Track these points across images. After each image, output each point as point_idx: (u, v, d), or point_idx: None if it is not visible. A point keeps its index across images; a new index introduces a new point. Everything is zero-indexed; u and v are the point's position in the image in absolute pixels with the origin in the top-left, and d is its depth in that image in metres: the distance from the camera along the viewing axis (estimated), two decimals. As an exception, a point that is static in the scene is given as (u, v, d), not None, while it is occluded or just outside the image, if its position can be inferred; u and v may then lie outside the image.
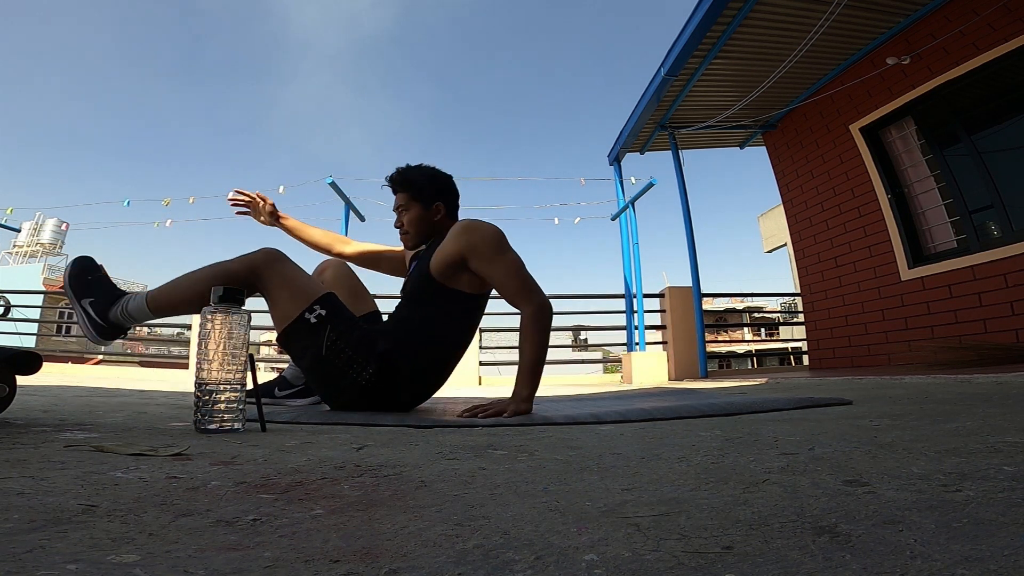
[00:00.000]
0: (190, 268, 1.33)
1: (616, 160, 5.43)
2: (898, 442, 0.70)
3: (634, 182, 5.34)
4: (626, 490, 0.48)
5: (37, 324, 6.82)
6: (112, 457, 0.63)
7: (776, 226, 15.76)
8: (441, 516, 0.40)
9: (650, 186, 4.64)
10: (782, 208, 5.17)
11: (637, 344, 4.92)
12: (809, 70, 4.18)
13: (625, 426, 1.00)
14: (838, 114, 4.29)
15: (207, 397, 0.88)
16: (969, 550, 0.30)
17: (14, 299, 6.24)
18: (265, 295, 1.32)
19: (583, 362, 6.35)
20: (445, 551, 0.33)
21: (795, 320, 13.24)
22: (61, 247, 25.25)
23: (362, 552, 0.32)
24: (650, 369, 4.35)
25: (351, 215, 5.40)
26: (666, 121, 4.84)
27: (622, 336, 5.29)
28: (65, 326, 12.35)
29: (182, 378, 3.91)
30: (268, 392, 1.53)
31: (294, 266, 1.35)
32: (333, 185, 5.04)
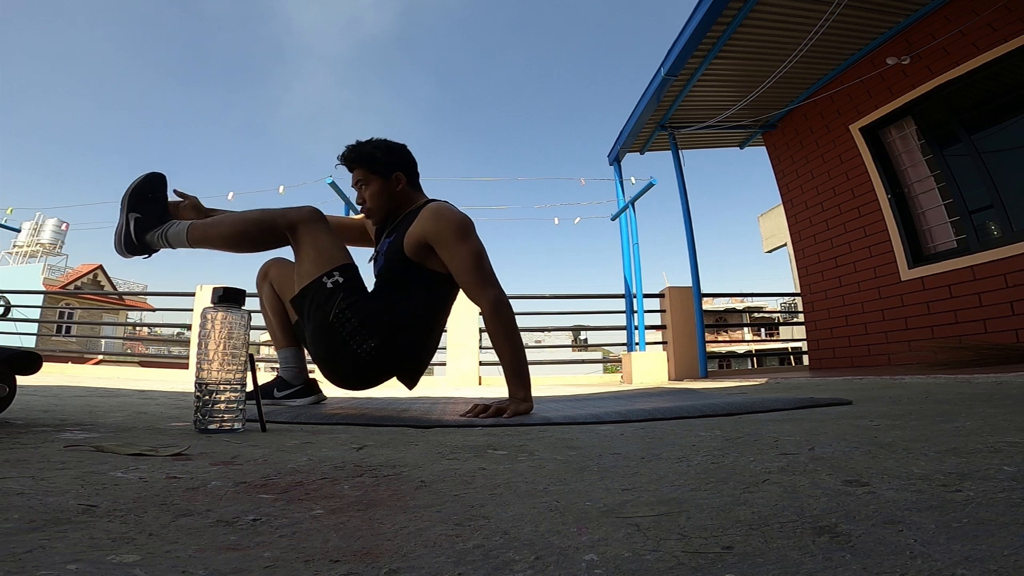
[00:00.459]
0: (190, 268, 1.37)
1: (616, 160, 5.43)
2: (898, 442, 0.70)
3: (634, 182, 5.35)
4: (626, 490, 0.48)
5: (37, 324, 6.82)
6: (112, 457, 0.63)
7: (776, 226, 15.75)
8: (441, 516, 0.40)
9: (650, 186, 4.64)
10: (782, 208, 5.17)
11: (637, 344, 4.92)
12: (809, 70, 4.18)
13: (625, 426, 1.00)
14: (838, 114, 4.29)
15: (207, 397, 0.88)
16: (969, 550, 0.30)
17: (14, 299, 6.24)
18: (295, 250, 1.36)
19: (583, 362, 6.35)
20: (445, 551, 0.33)
21: (795, 320, 13.24)
22: (61, 247, 25.25)
23: (362, 552, 0.32)
24: (650, 369, 4.35)
25: (351, 215, 5.39)
26: (666, 121, 4.84)
27: (622, 336, 5.29)
28: (65, 326, 12.35)
29: (182, 378, 3.91)
30: (267, 393, 1.54)
31: (328, 230, 1.39)
32: (333, 185, 5.04)
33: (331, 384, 1.45)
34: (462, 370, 4.65)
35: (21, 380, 1.01)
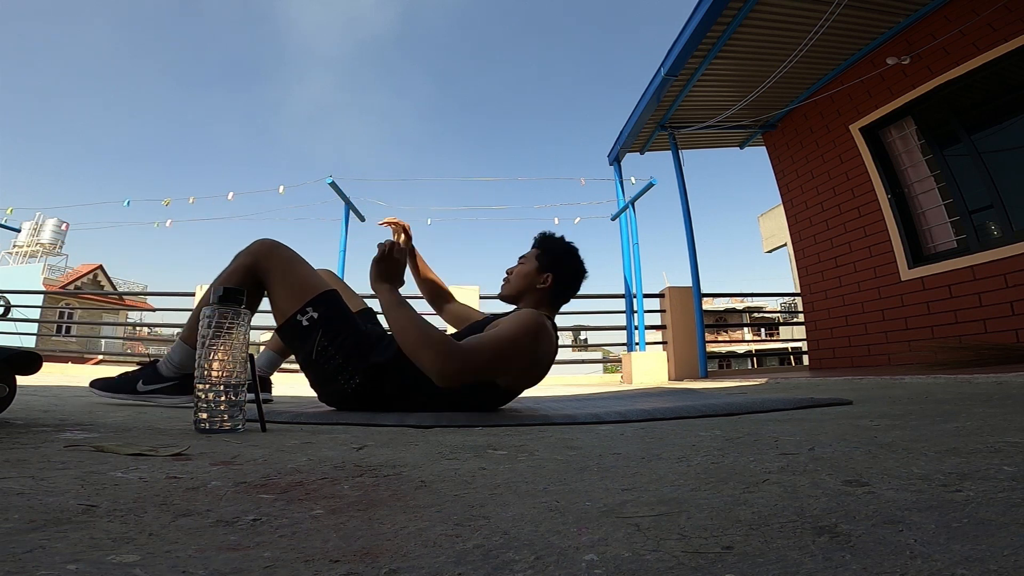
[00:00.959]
0: (190, 268, 1.38)
1: (616, 160, 5.43)
2: (898, 442, 0.70)
3: (634, 182, 5.35)
4: (626, 490, 0.48)
5: (37, 324, 6.82)
6: (112, 457, 0.63)
7: (776, 226, 15.76)
8: (441, 516, 0.40)
9: (650, 186, 4.64)
10: (782, 208, 5.17)
11: (637, 344, 4.92)
12: (809, 70, 4.18)
13: (625, 426, 1.00)
14: (838, 114, 4.29)
15: (207, 397, 0.88)
16: (969, 550, 0.30)
17: (14, 299, 6.24)
18: (267, 288, 1.33)
19: (583, 362, 6.35)
20: (445, 551, 0.33)
21: (795, 320, 13.25)
22: (61, 247, 25.26)
23: (362, 552, 0.32)
24: (650, 369, 4.35)
25: (351, 215, 5.40)
26: (666, 121, 4.84)
27: (622, 336, 5.29)
28: (65, 326, 12.36)
29: (182, 378, 3.90)
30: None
31: (291, 258, 1.34)
32: (333, 185, 5.04)
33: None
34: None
35: (21, 380, 1.01)
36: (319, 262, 1.69)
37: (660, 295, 5.23)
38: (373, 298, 1.33)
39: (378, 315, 1.64)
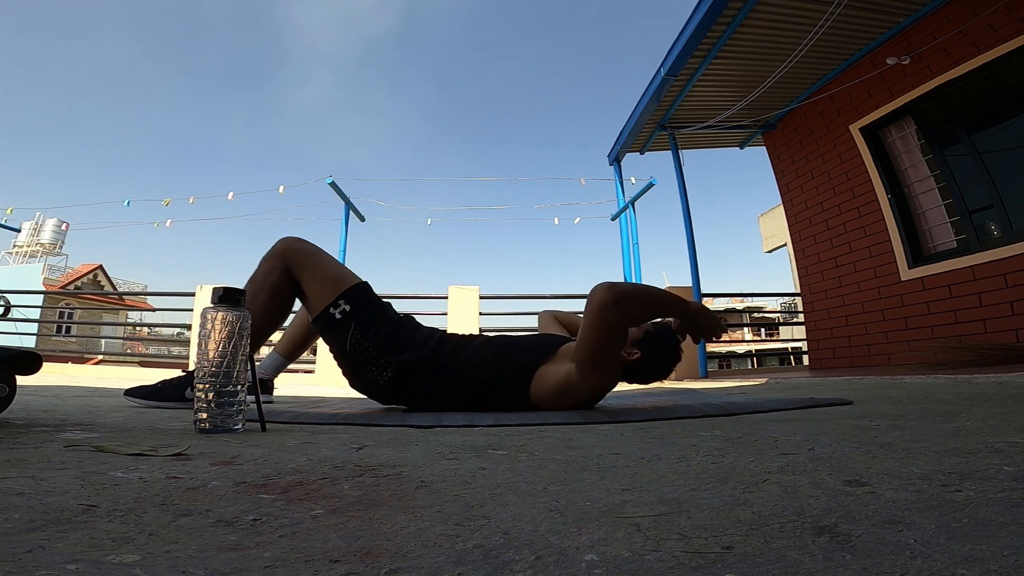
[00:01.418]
0: (189, 268, 1.41)
1: (616, 160, 5.43)
2: (898, 442, 0.70)
3: (634, 182, 5.35)
4: (626, 490, 0.48)
5: (37, 324, 6.82)
6: (112, 457, 0.63)
7: (776, 226, 15.76)
8: (441, 516, 0.40)
9: (650, 186, 4.64)
10: (782, 208, 5.17)
11: (637, 344, 4.91)
12: (809, 70, 4.18)
13: (625, 426, 1.00)
14: (838, 114, 4.29)
15: (207, 397, 0.88)
16: (969, 550, 0.30)
17: (14, 299, 6.24)
18: (299, 283, 1.34)
19: (583, 362, 6.33)
20: (445, 551, 0.33)
21: (795, 320, 13.24)
22: (61, 247, 25.26)
23: (362, 552, 0.32)
24: (650, 369, 4.34)
25: (351, 215, 5.40)
26: (666, 121, 4.84)
27: (622, 336, 5.28)
28: (65, 326, 12.36)
29: (182, 378, 3.90)
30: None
31: (318, 252, 1.37)
32: (333, 185, 5.04)
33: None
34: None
35: (21, 380, 1.01)
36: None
37: (660, 295, 5.22)
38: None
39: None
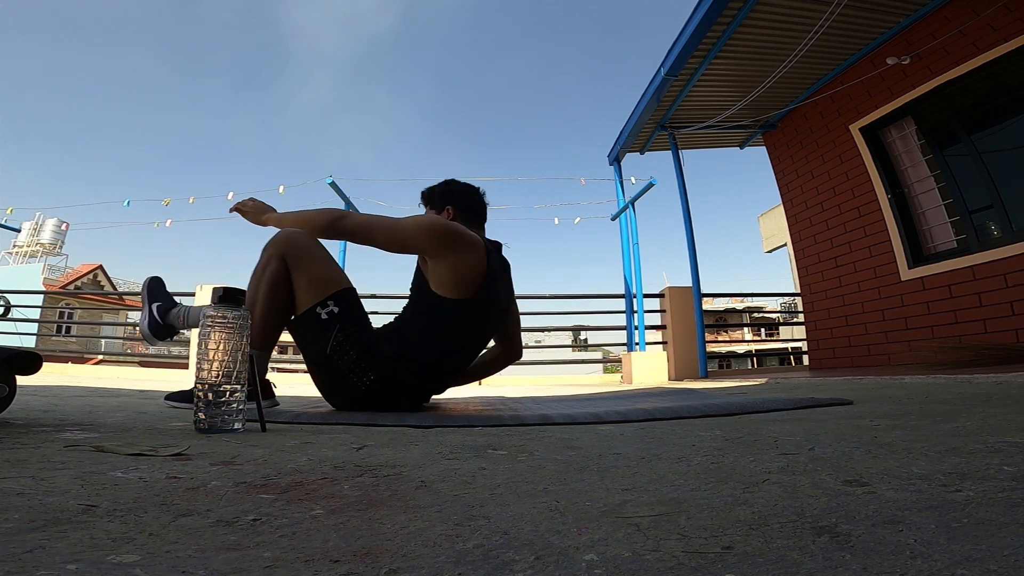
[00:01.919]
0: (190, 268, 1.43)
1: (616, 160, 5.42)
2: (898, 442, 0.70)
3: (634, 182, 5.35)
4: (626, 490, 0.48)
5: (37, 324, 6.82)
6: (112, 457, 0.63)
7: (776, 226, 15.75)
8: (441, 516, 0.40)
9: (650, 186, 4.64)
10: (782, 208, 5.17)
11: (637, 344, 4.92)
12: (809, 70, 4.18)
13: (625, 426, 1.00)
14: (838, 114, 4.29)
15: (207, 397, 0.88)
16: (969, 550, 0.30)
17: (14, 299, 6.23)
18: (292, 277, 1.33)
19: (583, 362, 6.34)
20: (445, 551, 0.33)
21: (795, 320, 13.24)
22: (61, 247, 25.24)
23: (362, 552, 0.32)
24: (650, 369, 4.35)
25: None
26: (666, 121, 4.84)
27: (622, 336, 5.28)
28: (65, 326, 12.36)
29: (182, 378, 3.91)
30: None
31: (316, 248, 1.36)
32: (333, 185, 5.04)
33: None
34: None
35: (21, 380, 1.01)
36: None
37: (660, 295, 5.23)
38: (375, 298, 1.34)
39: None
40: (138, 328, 1.47)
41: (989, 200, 3.35)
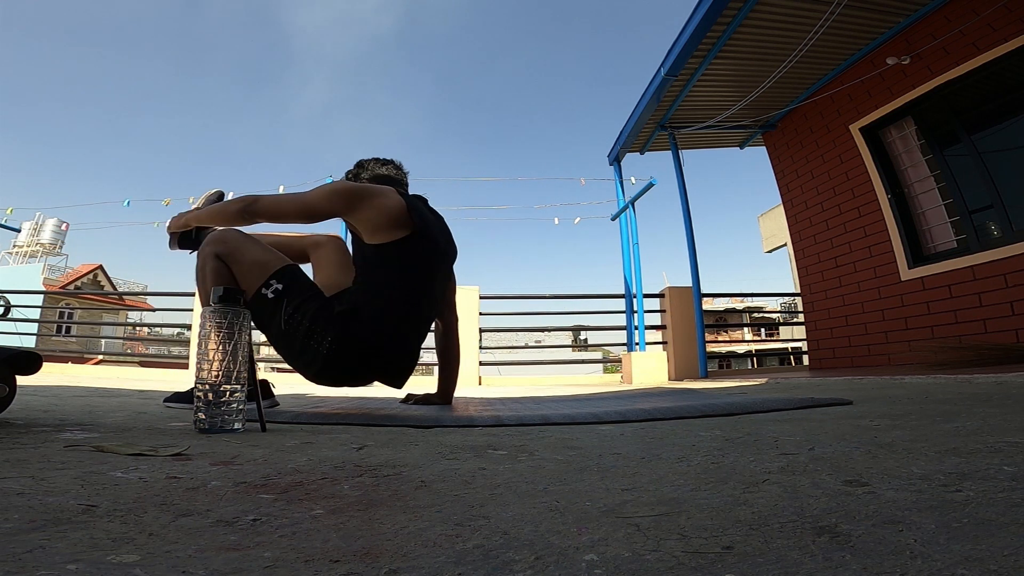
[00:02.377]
0: (190, 268, 1.45)
1: (616, 160, 5.42)
2: (898, 442, 0.70)
3: (634, 182, 5.35)
4: (626, 490, 0.48)
5: (37, 324, 6.82)
6: (112, 457, 0.63)
7: (776, 226, 15.74)
8: (441, 516, 0.40)
9: (650, 186, 4.64)
10: (782, 208, 5.17)
11: (637, 344, 4.92)
12: (809, 70, 4.18)
13: (625, 426, 1.00)
14: (838, 114, 4.29)
15: (207, 397, 0.88)
16: (969, 550, 0.30)
17: (14, 299, 6.23)
18: (234, 272, 1.37)
19: (583, 362, 6.34)
20: (445, 551, 0.33)
21: (795, 320, 13.24)
22: (61, 247, 25.23)
23: (362, 552, 0.32)
24: (650, 369, 4.35)
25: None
26: (666, 121, 4.84)
27: (622, 336, 5.28)
28: (65, 326, 12.36)
29: (182, 378, 3.91)
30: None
31: (245, 239, 1.41)
32: (333, 185, 5.03)
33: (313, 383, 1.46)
34: (462, 370, 4.65)
35: (21, 380, 1.01)
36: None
37: (660, 295, 5.23)
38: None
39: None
40: (169, 221, 1.51)
41: (989, 200, 3.35)
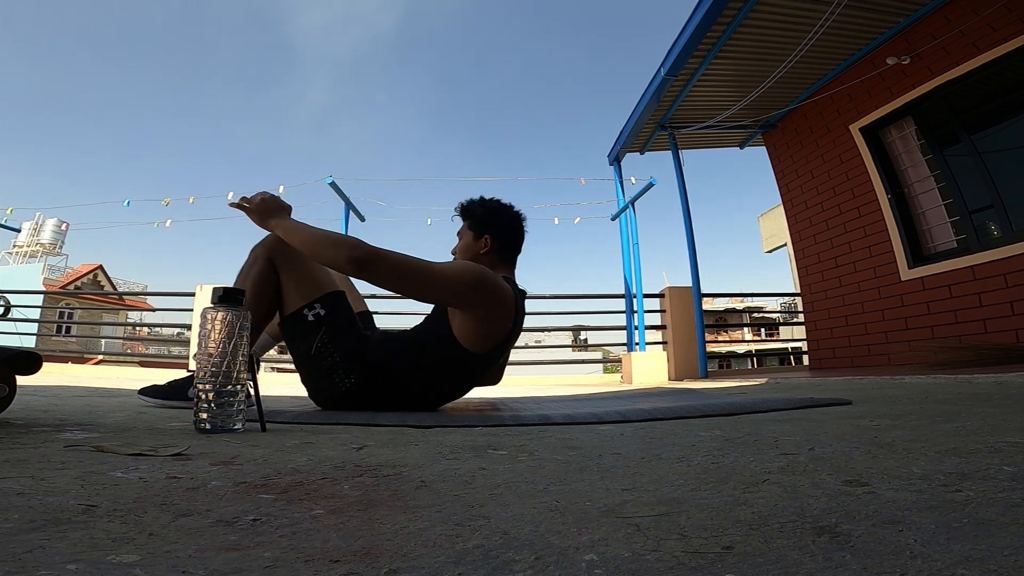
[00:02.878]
0: (190, 269, 1.42)
1: (616, 160, 5.42)
2: (898, 442, 0.70)
3: (634, 182, 5.35)
4: (626, 490, 0.48)
5: (37, 324, 6.82)
6: (112, 457, 0.63)
7: (776, 226, 15.74)
8: (441, 516, 0.40)
9: (650, 186, 4.64)
10: (782, 208, 5.17)
11: (637, 344, 4.92)
12: (809, 70, 4.18)
13: (625, 426, 1.00)
14: (838, 114, 4.29)
15: (208, 397, 0.88)
16: (969, 550, 0.30)
17: (14, 299, 6.23)
18: (280, 277, 1.34)
19: (583, 362, 6.34)
20: (445, 551, 0.33)
21: (795, 320, 13.24)
22: (61, 247, 25.23)
23: (362, 552, 0.32)
24: (650, 369, 4.35)
25: (351, 215, 5.40)
26: (666, 121, 4.84)
27: (622, 336, 5.28)
28: (65, 326, 12.36)
29: (182, 378, 3.90)
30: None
31: (302, 254, 1.35)
32: (333, 185, 5.04)
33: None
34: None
35: (21, 380, 1.01)
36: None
37: (660, 295, 5.23)
38: (375, 298, 1.34)
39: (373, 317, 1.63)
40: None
41: (989, 200, 3.35)
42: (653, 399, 1.75)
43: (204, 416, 0.88)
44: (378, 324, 1.64)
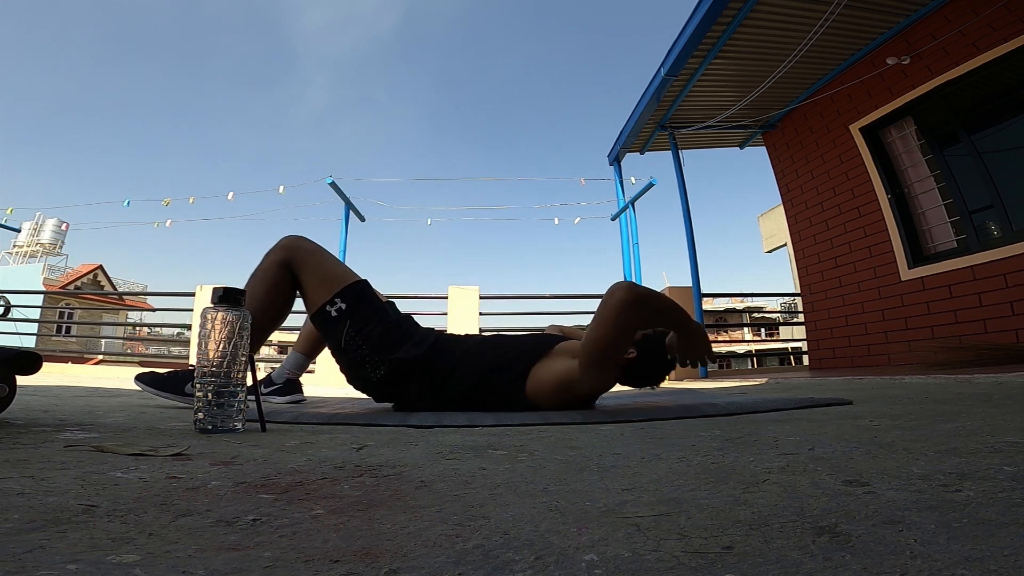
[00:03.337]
0: (190, 269, 1.42)
1: (616, 160, 5.43)
2: (898, 442, 0.70)
3: (634, 182, 5.36)
4: (626, 490, 0.48)
5: (37, 324, 6.82)
6: (112, 457, 0.63)
7: (776, 226, 15.76)
8: (441, 516, 0.40)
9: (650, 186, 4.64)
10: (782, 208, 5.17)
11: (637, 344, 4.91)
12: (809, 70, 4.18)
13: (625, 426, 1.00)
14: (838, 114, 4.29)
15: (207, 397, 0.88)
16: (969, 550, 0.30)
17: (14, 299, 6.23)
18: (299, 280, 1.36)
19: (583, 362, 6.32)
20: (445, 551, 0.33)
21: (795, 320, 13.24)
22: (61, 247, 25.25)
23: (362, 552, 0.32)
24: (650, 369, 4.34)
25: (351, 215, 5.40)
26: (666, 121, 4.84)
27: (622, 336, 5.27)
28: (65, 326, 12.36)
29: (182, 378, 3.90)
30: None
31: (319, 250, 1.38)
32: (333, 185, 5.04)
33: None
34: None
35: (21, 380, 1.01)
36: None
37: (660, 295, 5.22)
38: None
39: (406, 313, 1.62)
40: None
41: (989, 200, 3.35)
42: (653, 399, 1.75)
43: (204, 416, 0.88)
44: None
